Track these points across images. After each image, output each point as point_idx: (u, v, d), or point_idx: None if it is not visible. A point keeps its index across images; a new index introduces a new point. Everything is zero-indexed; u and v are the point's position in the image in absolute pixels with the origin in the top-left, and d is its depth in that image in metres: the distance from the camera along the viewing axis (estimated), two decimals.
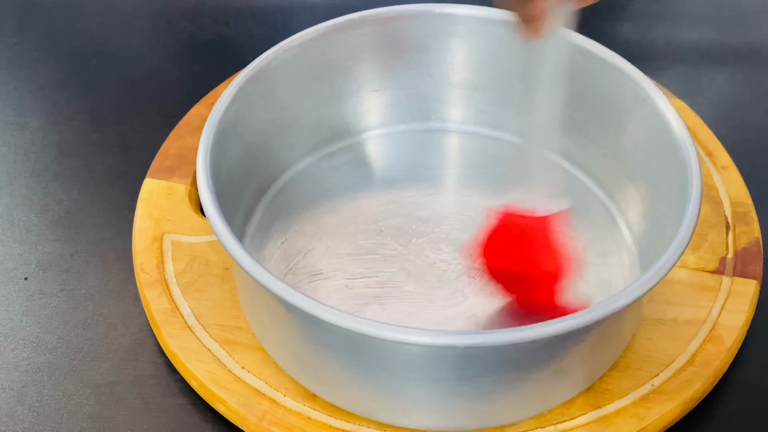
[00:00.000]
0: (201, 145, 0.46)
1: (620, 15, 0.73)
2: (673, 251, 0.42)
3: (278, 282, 0.40)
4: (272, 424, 0.44)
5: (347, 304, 0.49)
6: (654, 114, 0.49)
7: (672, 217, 0.45)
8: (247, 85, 0.50)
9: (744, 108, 0.65)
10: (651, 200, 0.50)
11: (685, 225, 0.43)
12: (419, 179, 0.56)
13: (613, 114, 0.52)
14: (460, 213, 0.54)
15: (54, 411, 0.47)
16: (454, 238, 0.52)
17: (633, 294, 0.40)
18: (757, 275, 0.51)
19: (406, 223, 0.53)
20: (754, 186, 0.56)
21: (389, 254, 0.51)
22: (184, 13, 0.72)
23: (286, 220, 0.53)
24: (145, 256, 0.51)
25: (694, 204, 0.44)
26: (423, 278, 0.50)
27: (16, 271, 0.53)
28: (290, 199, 0.54)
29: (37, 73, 0.67)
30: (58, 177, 0.59)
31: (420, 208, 0.54)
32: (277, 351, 0.46)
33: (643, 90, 0.50)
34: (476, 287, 0.50)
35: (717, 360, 0.47)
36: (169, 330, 0.48)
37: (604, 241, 0.52)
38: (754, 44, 0.71)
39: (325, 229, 0.53)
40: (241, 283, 0.47)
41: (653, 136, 0.49)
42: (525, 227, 0.46)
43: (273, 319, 0.44)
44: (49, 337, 0.50)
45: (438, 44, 0.56)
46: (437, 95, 0.58)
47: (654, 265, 0.41)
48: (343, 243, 0.52)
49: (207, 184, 0.44)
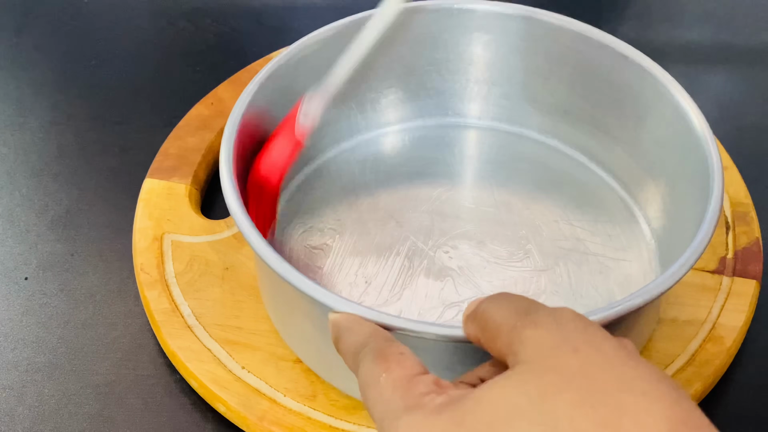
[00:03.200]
0: (223, 141, 0.46)
1: (620, 15, 0.73)
2: (696, 246, 0.41)
3: (304, 279, 0.40)
4: (272, 424, 0.44)
5: (368, 299, 0.49)
6: (673, 109, 0.49)
7: (692, 212, 0.45)
8: (268, 82, 0.50)
9: (744, 108, 0.65)
10: (671, 195, 0.50)
11: (707, 219, 0.43)
12: (437, 175, 0.56)
13: (632, 109, 0.52)
14: (478, 208, 0.54)
15: (54, 411, 0.47)
16: (473, 234, 0.52)
17: (656, 289, 0.40)
18: (757, 275, 0.51)
19: (424, 218, 0.53)
20: (754, 186, 0.56)
21: (408, 250, 0.51)
22: (184, 13, 0.72)
23: (304, 216, 0.53)
24: (145, 256, 0.51)
25: (716, 199, 0.43)
26: (442, 274, 0.50)
27: (16, 271, 0.53)
28: (309, 196, 0.54)
29: (37, 73, 0.67)
30: (58, 177, 0.59)
31: (438, 203, 0.54)
32: (305, 351, 0.46)
33: (662, 85, 0.50)
34: (496, 282, 0.50)
35: (717, 360, 0.47)
36: (169, 330, 0.48)
37: (623, 236, 0.52)
38: (754, 44, 0.71)
39: (345, 225, 0.52)
40: (266, 281, 0.47)
41: (673, 131, 0.49)
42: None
43: (296, 315, 0.44)
44: (49, 337, 0.50)
45: (456, 40, 0.56)
46: (455, 91, 0.58)
47: (678, 259, 0.41)
48: (363, 239, 0.52)
49: (230, 181, 0.44)
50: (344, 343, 0.37)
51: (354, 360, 0.35)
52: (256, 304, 0.49)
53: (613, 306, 0.39)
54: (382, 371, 0.32)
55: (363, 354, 0.34)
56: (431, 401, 0.30)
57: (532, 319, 0.31)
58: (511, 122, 0.58)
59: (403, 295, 0.49)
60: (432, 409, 0.30)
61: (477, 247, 0.51)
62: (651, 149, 0.52)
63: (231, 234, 0.52)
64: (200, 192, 0.56)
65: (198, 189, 0.56)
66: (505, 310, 0.32)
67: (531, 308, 0.32)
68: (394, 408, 0.31)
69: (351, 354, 0.36)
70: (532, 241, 0.52)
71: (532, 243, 0.52)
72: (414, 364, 0.33)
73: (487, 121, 0.59)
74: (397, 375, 0.32)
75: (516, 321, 0.31)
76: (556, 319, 0.31)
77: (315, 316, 0.42)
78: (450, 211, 0.53)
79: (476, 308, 0.34)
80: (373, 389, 0.32)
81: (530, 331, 0.30)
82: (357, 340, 0.36)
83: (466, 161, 0.57)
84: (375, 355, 0.34)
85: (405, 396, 0.31)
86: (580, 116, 0.55)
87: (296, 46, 0.52)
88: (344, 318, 0.37)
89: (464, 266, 0.50)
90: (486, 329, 0.33)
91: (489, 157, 0.57)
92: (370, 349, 0.34)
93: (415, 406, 0.30)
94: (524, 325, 0.31)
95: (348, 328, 0.37)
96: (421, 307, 0.48)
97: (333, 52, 0.50)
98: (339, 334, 0.37)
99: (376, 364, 0.33)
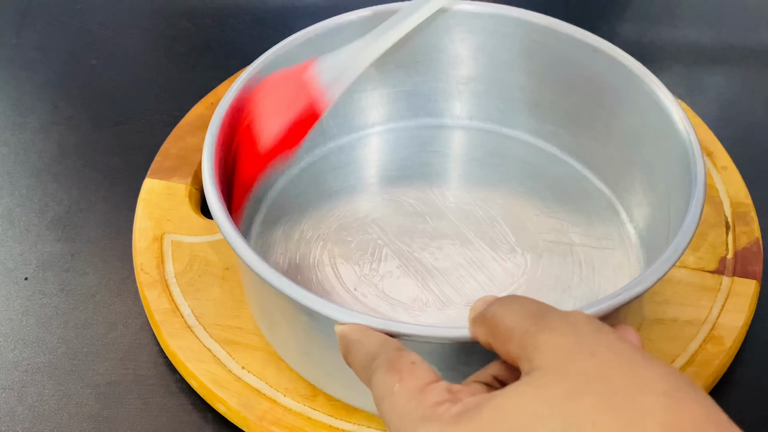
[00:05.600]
0: (205, 146, 0.46)
1: (620, 15, 0.73)
2: (681, 238, 0.41)
3: (293, 285, 0.39)
4: (272, 424, 0.44)
5: (357, 304, 0.49)
6: (646, 99, 0.49)
7: (674, 199, 0.45)
8: (250, 83, 0.50)
9: (744, 108, 0.65)
10: (650, 184, 0.50)
11: (694, 203, 0.42)
12: (421, 176, 0.56)
13: (605, 101, 0.52)
14: (459, 207, 0.54)
15: (54, 411, 0.47)
16: (457, 233, 0.52)
17: (643, 284, 0.40)
18: (757, 275, 0.51)
19: (406, 221, 0.53)
20: (754, 186, 0.56)
21: (393, 253, 0.51)
22: (184, 13, 0.72)
23: (286, 228, 0.53)
24: (145, 256, 0.51)
25: (700, 183, 0.43)
26: (430, 275, 0.50)
27: (16, 271, 0.53)
28: (290, 203, 0.54)
29: (37, 73, 0.67)
30: (58, 177, 0.59)
31: (420, 204, 0.54)
32: (287, 352, 0.46)
33: (635, 75, 0.50)
34: (483, 280, 0.50)
35: (717, 360, 0.47)
36: (169, 330, 0.48)
37: (604, 227, 0.52)
38: (754, 44, 0.71)
39: (327, 232, 0.52)
40: (250, 285, 0.47)
41: (648, 121, 0.49)
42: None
43: (283, 319, 0.44)
44: (49, 337, 0.50)
45: (439, 39, 0.56)
46: (438, 91, 0.58)
47: (662, 255, 0.41)
48: (346, 244, 0.52)
49: (213, 186, 0.44)
50: (354, 355, 0.36)
51: (365, 372, 0.35)
52: None
53: (615, 296, 0.39)
54: (395, 382, 0.32)
55: (375, 366, 0.34)
56: (446, 411, 0.30)
57: (546, 323, 0.31)
58: (486, 120, 0.58)
59: (392, 298, 0.49)
60: (448, 420, 0.30)
61: (462, 246, 0.51)
62: (625, 139, 0.52)
63: None
64: (200, 192, 0.56)
65: (198, 189, 0.56)
66: (516, 314, 0.32)
67: (543, 312, 0.32)
68: (409, 420, 0.31)
69: (362, 367, 0.35)
70: (516, 236, 0.52)
71: (515, 238, 0.52)
72: (427, 373, 0.33)
73: (461, 120, 0.59)
74: (410, 385, 0.32)
75: (528, 325, 0.31)
76: (570, 323, 0.31)
77: (312, 328, 0.42)
78: (432, 212, 0.53)
79: (485, 311, 0.34)
80: (388, 401, 0.32)
81: (545, 336, 0.30)
82: (367, 351, 0.35)
83: (443, 161, 0.57)
84: (387, 366, 0.33)
85: (419, 407, 0.31)
86: (552, 110, 0.56)
87: (280, 46, 0.52)
88: (352, 330, 0.37)
89: (450, 266, 0.50)
90: (497, 333, 0.33)
91: (466, 156, 0.58)
92: (381, 360, 0.34)
93: (431, 417, 0.30)
94: (538, 329, 0.31)
95: (357, 341, 0.36)
96: (412, 310, 0.48)
97: (314, 55, 0.50)
98: (348, 347, 0.37)
99: (389, 375, 0.33)
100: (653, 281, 0.39)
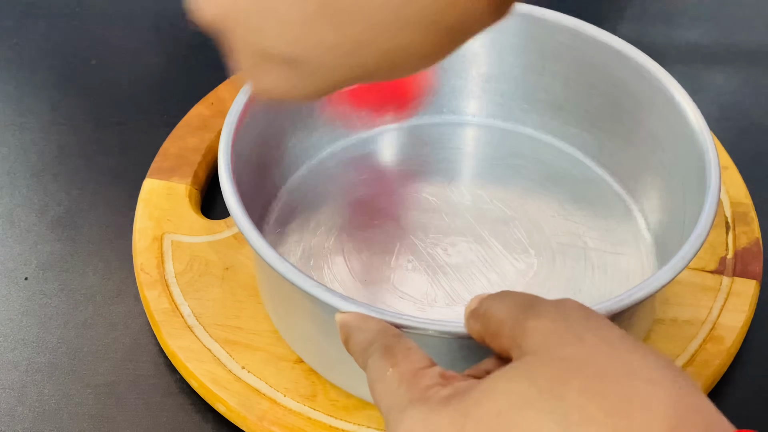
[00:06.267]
0: (221, 143, 0.46)
1: (620, 15, 0.73)
2: (693, 240, 0.42)
3: (296, 271, 0.40)
4: (272, 424, 0.44)
5: (366, 296, 0.49)
6: (668, 103, 0.49)
7: (690, 205, 0.45)
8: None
9: (744, 108, 0.65)
10: (667, 190, 0.50)
11: (705, 212, 0.43)
12: (439, 172, 0.56)
13: (627, 104, 0.52)
14: (475, 205, 0.54)
15: (54, 411, 0.47)
16: (471, 231, 0.52)
17: (654, 284, 0.40)
18: (757, 275, 0.51)
19: (422, 216, 0.53)
20: (754, 186, 0.56)
21: (407, 248, 0.51)
22: (184, 13, 0.72)
23: (302, 217, 0.53)
24: (145, 256, 0.51)
25: (713, 192, 0.44)
26: (441, 271, 0.50)
27: (16, 271, 0.53)
28: (306, 196, 0.54)
29: (37, 73, 0.67)
30: (58, 177, 0.59)
31: (436, 201, 0.54)
32: (293, 339, 0.46)
33: (657, 79, 0.50)
34: (494, 278, 0.50)
35: (717, 360, 0.47)
36: (169, 330, 0.48)
37: (620, 230, 0.52)
38: (754, 44, 0.71)
39: (343, 224, 0.52)
40: (259, 270, 0.47)
41: (668, 125, 0.49)
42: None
43: (289, 305, 0.45)
44: (49, 337, 0.50)
45: None
46: (450, 88, 0.58)
47: (678, 252, 0.41)
48: (361, 238, 0.52)
49: (230, 183, 0.44)
50: (353, 341, 0.37)
51: (363, 357, 0.35)
52: (256, 304, 0.49)
53: (621, 299, 0.39)
54: (389, 366, 0.33)
55: (371, 350, 0.34)
56: (436, 393, 0.30)
57: (535, 311, 0.31)
58: (507, 119, 0.58)
59: (402, 292, 0.49)
60: (437, 401, 0.30)
61: (475, 244, 0.51)
62: (646, 144, 0.52)
63: (231, 234, 0.52)
64: (200, 192, 0.56)
65: (198, 189, 0.56)
66: (507, 307, 0.33)
67: (533, 301, 0.32)
68: (399, 401, 0.31)
69: (360, 352, 0.36)
70: (530, 237, 0.52)
71: (529, 239, 0.52)
72: (421, 358, 0.33)
73: (482, 119, 0.59)
74: (403, 369, 0.32)
75: (518, 314, 0.31)
76: (559, 309, 0.31)
77: (317, 316, 0.43)
78: (447, 209, 0.53)
79: (478, 306, 0.34)
80: (380, 383, 0.32)
81: (534, 323, 0.31)
82: (366, 338, 0.36)
83: (462, 159, 0.57)
84: (383, 350, 0.34)
85: (410, 389, 0.31)
86: (575, 112, 0.56)
87: None
88: (352, 317, 0.38)
89: (462, 263, 0.50)
90: (489, 326, 0.33)
91: (485, 155, 0.58)
92: (378, 345, 0.34)
93: (421, 398, 0.30)
94: (527, 317, 0.31)
95: (357, 327, 0.37)
96: (421, 304, 0.48)
97: None
98: (348, 334, 0.37)
99: (384, 359, 0.33)
100: (652, 290, 0.40)
